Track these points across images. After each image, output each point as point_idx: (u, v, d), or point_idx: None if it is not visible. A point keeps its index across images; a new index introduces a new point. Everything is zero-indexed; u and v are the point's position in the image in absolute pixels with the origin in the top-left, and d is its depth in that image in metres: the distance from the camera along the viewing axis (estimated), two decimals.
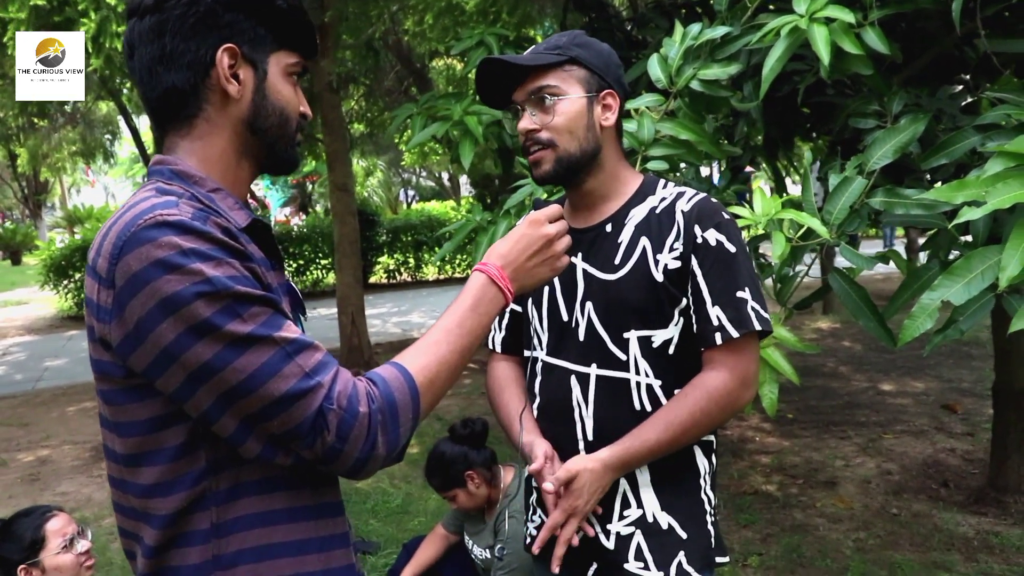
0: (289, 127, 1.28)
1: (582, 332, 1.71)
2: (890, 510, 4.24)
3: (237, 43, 1.21)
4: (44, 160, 13.21)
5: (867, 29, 2.45)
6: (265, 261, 1.21)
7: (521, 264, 1.34)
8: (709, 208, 1.67)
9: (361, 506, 4.73)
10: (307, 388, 1.07)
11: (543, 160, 1.67)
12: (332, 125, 7.69)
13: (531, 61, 1.65)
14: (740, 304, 1.62)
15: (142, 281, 1.05)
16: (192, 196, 1.16)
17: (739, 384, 1.63)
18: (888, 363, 7.09)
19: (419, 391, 1.17)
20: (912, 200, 2.30)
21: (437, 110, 3.83)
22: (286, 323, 1.11)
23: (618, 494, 1.69)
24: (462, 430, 3.17)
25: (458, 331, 1.25)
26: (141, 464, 1.15)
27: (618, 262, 1.69)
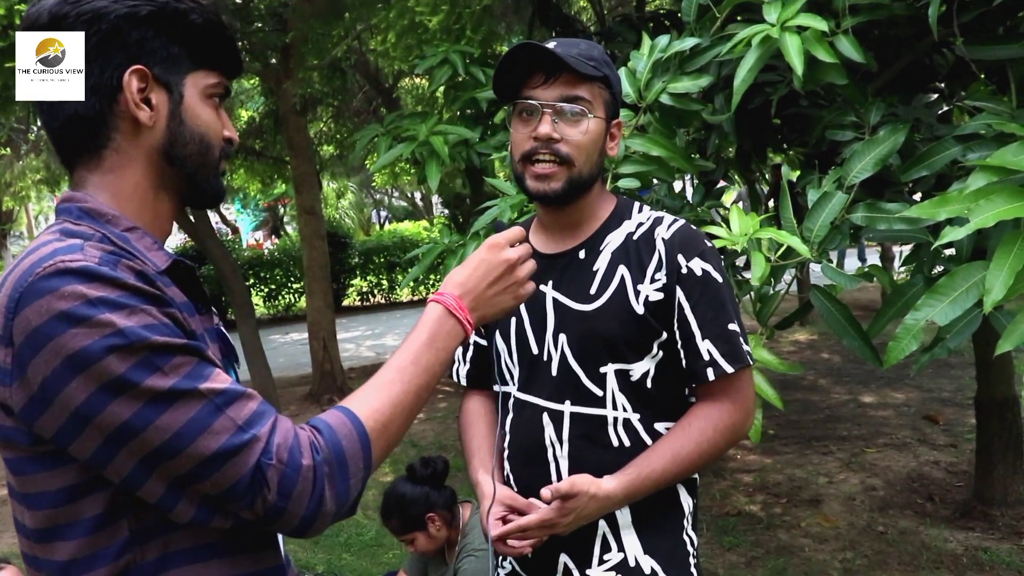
0: (211, 155, 1.16)
1: (555, 367, 1.60)
2: (876, 528, 4.15)
3: (147, 64, 1.08)
4: (8, 189, 12.96)
5: (840, 37, 2.36)
6: (189, 306, 1.10)
7: (481, 292, 1.24)
8: (692, 236, 1.58)
9: (334, 539, 4.58)
10: (241, 443, 0.97)
11: (554, 176, 1.54)
12: (298, 148, 7.57)
13: (576, 64, 1.50)
14: (732, 338, 1.54)
15: (44, 336, 0.93)
16: (103, 237, 1.05)
17: (743, 415, 1.58)
18: (868, 374, 7.03)
19: (370, 438, 1.06)
20: (895, 215, 2.21)
21: (403, 130, 3.73)
22: (214, 372, 1.00)
23: (598, 536, 1.58)
24: (423, 470, 2.99)
25: (413, 369, 1.14)
26: (55, 539, 1.03)
27: (594, 292, 1.58)
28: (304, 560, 4.33)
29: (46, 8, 1.06)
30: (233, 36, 1.18)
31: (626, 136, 2.64)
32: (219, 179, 1.20)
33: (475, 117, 3.99)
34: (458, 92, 3.98)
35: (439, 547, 3.05)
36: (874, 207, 2.24)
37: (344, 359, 8.58)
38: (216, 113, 1.17)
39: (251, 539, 1.10)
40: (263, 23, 7.28)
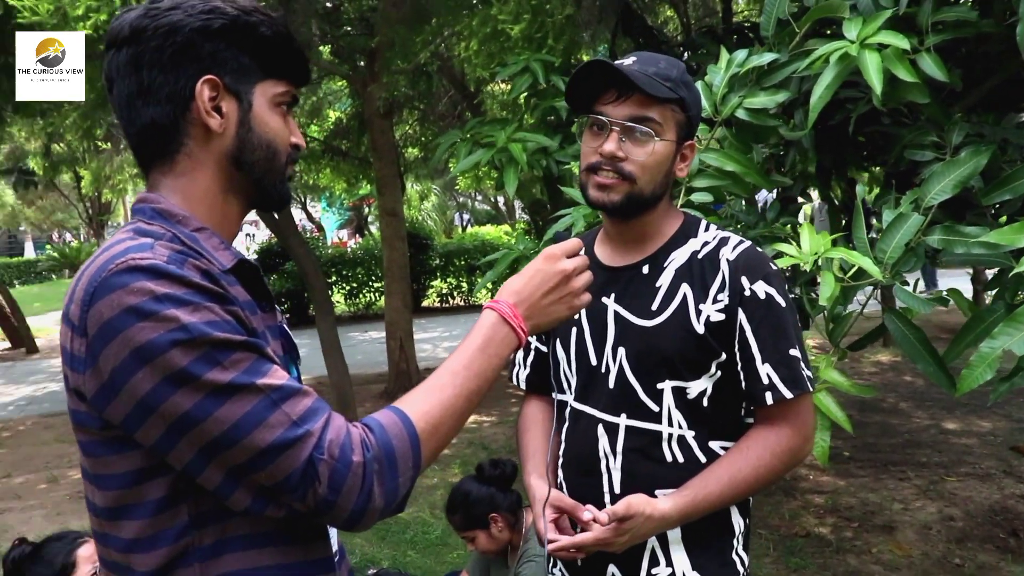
0: (278, 161, 1.21)
1: (612, 379, 1.61)
2: (952, 560, 4.01)
3: (218, 74, 1.14)
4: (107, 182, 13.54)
5: (923, 55, 2.31)
6: (251, 304, 1.15)
7: (536, 301, 1.26)
8: (757, 258, 1.57)
9: (400, 536, 4.65)
10: (295, 437, 1.01)
11: (614, 188, 1.55)
12: (382, 150, 7.70)
13: (647, 86, 1.50)
14: (793, 363, 1.53)
15: (115, 329, 0.99)
16: (173, 237, 1.11)
17: (802, 440, 1.57)
18: (952, 400, 6.79)
19: (420, 438, 1.10)
20: (973, 239, 2.15)
21: (483, 136, 3.78)
22: (272, 369, 1.05)
23: (647, 550, 1.59)
24: (491, 470, 3.05)
25: (465, 373, 1.17)
26: (121, 518, 1.10)
27: (655, 308, 1.58)
28: (370, 555, 4.40)
29: (127, 22, 1.13)
30: (302, 46, 1.22)
31: (701, 150, 2.63)
32: (285, 184, 1.25)
33: (554, 125, 4.01)
34: (538, 100, 4.01)
35: (501, 549, 3.09)
36: (952, 230, 2.19)
37: (420, 359, 8.68)
38: (284, 120, 1.22)
39: (303, 530, 1.14)
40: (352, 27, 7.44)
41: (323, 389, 8.26)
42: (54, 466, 6.46)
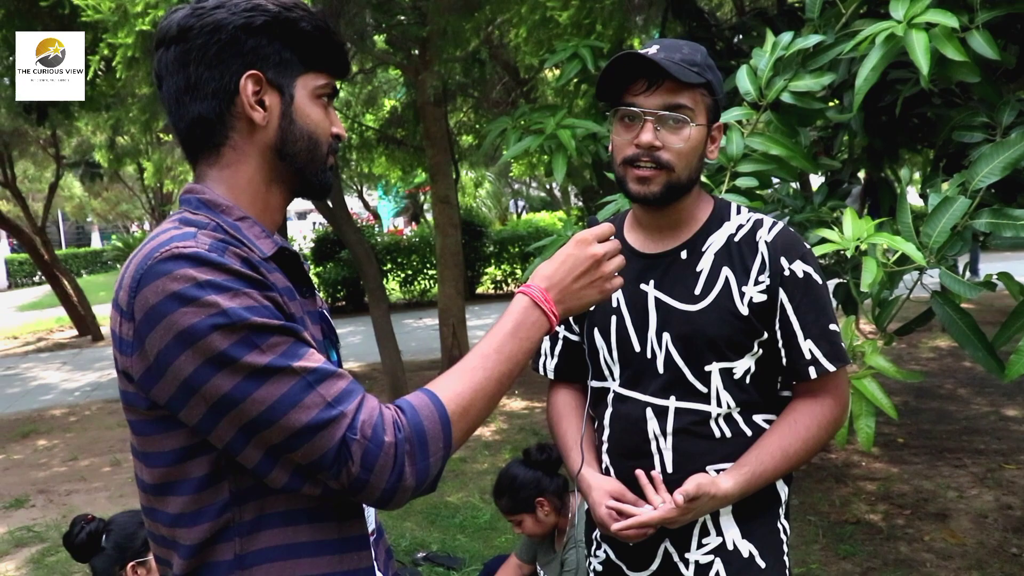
0: (319, 151, 1.25)
1: (660, 364, 1.64)
2: (1009, 549, 3.93)
3: (261, 69, 1.19)
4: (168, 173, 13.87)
5: (973, 33, 2.27)
6: (290, 290, 1.19)
7: (567, 286, 1.29)
8: (793, 239, 1.62)
9: (449, 520, 4.72)
10: (329, 418, 1.06)
11: (653, 180, 1.57)
12: (435, 138, 7.75)
13: (678, 73, 1.52)
14: (834, 337, 1.60)
15: (159, 314, 1.05)
16: (217, 226, 1.16)
17: (842, 409, 1.65)
18: (1015, 386, 6.62)
19: (451, 420, 1.13)
20: (1021, 221, 2.11)
21: (532, 123, 3.80)
22: (308, 352, 1.09)
23: (697, 522, 1.64)
24: (538, 455, 3.09)
25: (496, 356, 1.20)
26: (167, 494, 1.16)
27: (699, 292, 1.61)
28: (420, 538, 4.47)
29: (175, 22, 1.19)
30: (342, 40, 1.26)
31: (746, 134, 2.62)
32: (327, 173, 1.29)
33: (603, 111, 4.01)
34: (588, 86, 4.02)
35: (547, 532, 3.13)
36: (1000, 213, 2.15)
37: (473, 345, 8.75)
38: (325, 112, 1.26)
39: (339, 508, 1.18)
40: (405, 16, 7.51)
41: (376, 375, 8.38)
42: (117, 450, 6.66)
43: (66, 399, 8.97)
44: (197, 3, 1.19)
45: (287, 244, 1.23)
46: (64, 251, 28.79)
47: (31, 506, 5.58)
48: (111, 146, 12.85)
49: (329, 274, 14.09)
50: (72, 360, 11.62)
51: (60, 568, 4.50)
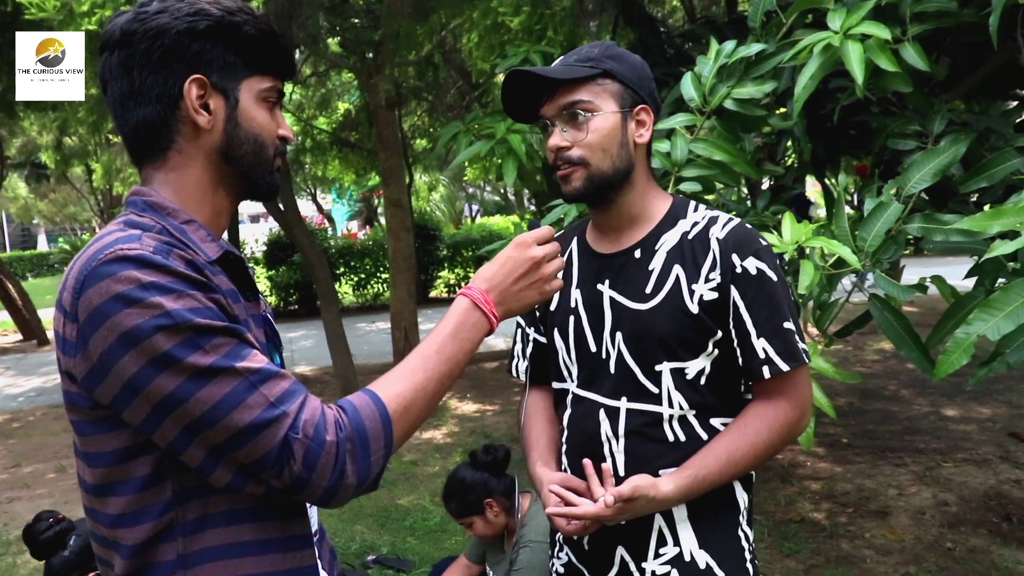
0: (264, 154, 1.26)
1: (612, 364, 1.63)
2: (944, 544, 4.06)
3: (205, 73, 1.19)
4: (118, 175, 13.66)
5: (905, 45, 2.36)
6: (234, 293, 1.20)
7: (507, 287, 1.31)
8: (746, 235, 1.59)
9: (400, 523, 4.72)
10: (271, 418, 1.07)
11: (572, 177, 1.59)
12: (387, 141, 7.74)
13: (562, 74, 1.56)
14: (788, 336, 1.55)
15: (103, 315, 1.05)
16: (162, 229, 1.16)
17: (799, 413, 1.59)
18: (953, 387, 6.82)
19: (391, 419, 1.15)
20: (951, 227, 2.19)
21: (483, 128, 3.83)
22: (251, 353, 1.10)
23: (654, 530, 1.61)
24: (483, 456, 3.12)
25: (436, 357, 1.22)
26: (108, 494, 1.16)
27: (649, 291, 1.60)
28: (370, 541, 4.47)
29: (118, 26, 1.19)
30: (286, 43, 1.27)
31: (690, 140, 2.68)
32: (273, 175, 1.29)
33: None
34: None
35: (497, 533, 3.15)
36: (931, 218, 2.23)
37: None
38: (271, 114, 1.27)
39: (282, 507, 1.19)
40: (359, 19, 7.49)
41: (328, 379, 8.34)
42: (63, 456, 6.55)
43: (9, 404, 8.79)
44: (140, 7, 1.19)
45: (232, 248, 1.25)
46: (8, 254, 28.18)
47: None
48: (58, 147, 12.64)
49: (281, 277, 13.97)
50: (16, 365, 11.38)
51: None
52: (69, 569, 2.56)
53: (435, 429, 6.70)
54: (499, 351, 9.72)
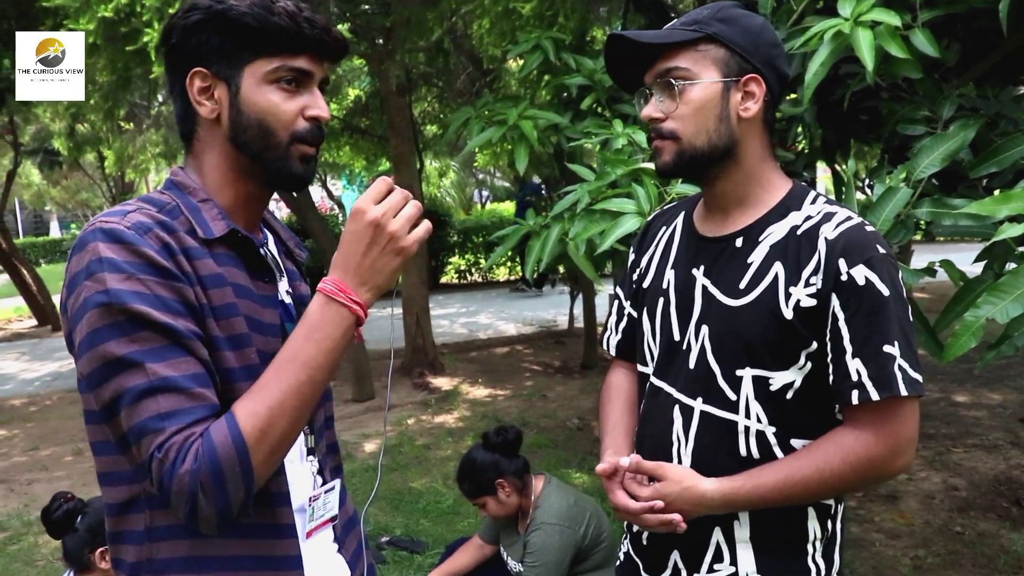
0: (272, 138, 1.23)
1: (693, 358, 1.50)
2: (953, 528, 4.09)
3: (205, 64, 1.23)
4: (129, 162, 13.72)
5: (916, 31, 2.37)
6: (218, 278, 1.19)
7: (359, 264, 1.17)
8: (860, 239, 1.38)
9: (413, 505, 4.78)
10: (152, 429, 1.06)
11: (663, 150, 1.47)
12: (398, 127, 7.78)
13: (659, 38, 1.42)
14: (885, 361, 1.34)
15: (74, 283, 1.12)
16: (175, 206, 1.21)
17: (886, 451, 1.37)
18: (964, 373, 6.83)
19: (247, 445, 1.07)
20: (960, 211, 2.21)
21: (495, 114, 3.85)
22: (176, 358, 1.09)
23: (711, 544, 1.50)
24: (495, 438, 3.17)
25: (292, 366, 1.13)
26: (96, 452, 1.22)
27: (743, 286, 1.45)
28: (384, 523, 4.53)
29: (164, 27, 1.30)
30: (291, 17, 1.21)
31: None
32: (289, 161, 1.24)
33: (566, 102, 4.07)
34: (550, 77, 4.08)
35: (510, 514, 3.20)
36: (940, 202, 2.25)
37: (437, 335, 8.81)
38: (285, 95, 1.23)
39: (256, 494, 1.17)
40: (369, 5, 7.51)
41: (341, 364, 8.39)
42: (79, 439, 6.61)
43: (26, 389, 8.88)
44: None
45: (240, 228, 1.25)
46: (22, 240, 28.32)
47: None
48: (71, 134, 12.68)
49: None
50: (31, 350, 11.48)
51: (22, 556, 4.49)
52: (80, 546, 2.63)
53: (447, 413, 6.75)
54: (509, 336, 9.78)
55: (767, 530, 1.47)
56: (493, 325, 10.74)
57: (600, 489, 4.75)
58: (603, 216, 2.76)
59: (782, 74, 1.47)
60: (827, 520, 1.50)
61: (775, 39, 1.46)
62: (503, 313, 11.60)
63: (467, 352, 9.14)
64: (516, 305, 12.14)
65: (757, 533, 1.47)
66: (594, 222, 2.77)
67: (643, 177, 2.76)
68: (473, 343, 9.55)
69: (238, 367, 1.18)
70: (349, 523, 1.46)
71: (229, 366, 1.17)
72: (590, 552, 3.15)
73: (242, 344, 1.20)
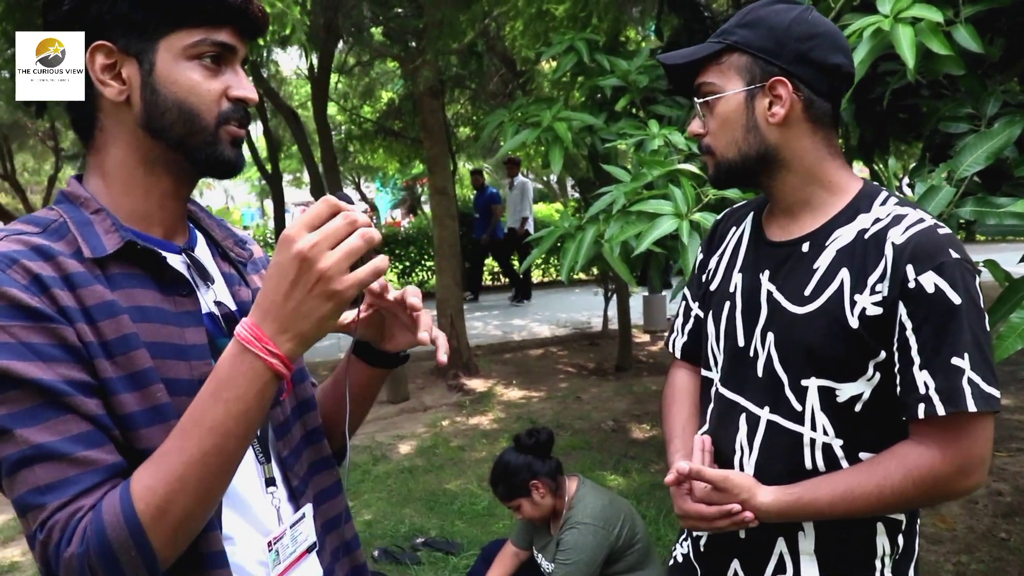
0: (198, 121, 1.06)
1: (760, 366, 1.45)
2: (998, 534, 4.01)
3: (109, 38, 1.04)
4: None
5: (958, 27, 2.33)
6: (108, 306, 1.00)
7: (280, 307, 0.94)
8: (931, 243, 1.30)
9: (448, 507, 4.78)
10: (31, 504, 0.92)
11: (707, 164, 1.48)
12: (432, 129, 7.79)
13: (685, 57, 1.44)
14: (953, 374, 1.27)
15: None
16: (61, 224, 1.04)
17: (952, 470, 1.30)
18: (1008, 375, 6.70)
19: (143, 525, 0.91)
20: (1006, 210, 2.17)
21: (529, 116, 3.85)
22: (51, 420, 0.93)
23: (774, 554, 1.46)
24: (527, 440, 3.17)
25: (196, 432, 0.94)
26: None
27: (808, 293, 1.39)
28: (419, 524, 4.54)
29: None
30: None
31: None
32: (216, 146, 1.08)
33: (600, 104, 4.06)
34: (584, 79, 4.07)
35: (544, 516, 3.20)
36: (984, 201, 2.21)
37: (471, 336, 8.81)
38: (209, 74, 1.07)
39: None
40: (403, 8, 7.55)
41: None
42: None
43: None
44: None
45: (136, 239, 1.06)
46: None
47: None
48: None
49: None
50: None
51: None
52: None
53: (481, 415, 6.75)
54: (544, 338, 9.76)
55: (833, 543, 1.42)
56: (527, 327, 10.73)
57: (635, 491, 4.73)
58: (639, 218, 2.75)
59: (826, 65, 1.39)
60: (897, 535, 1.43)
61: (809, 31, 1.38)
62: (536, 314, 11.59)
63: (501, 354, 9.13)
64: (550, 307, 12.13)
65: (822, 546, 1.43)
66: (630, 224, 2.75)
67: (680, 178, 2.74)
68: (507, 345, 9.54)
69: (140, 410, 0.99)
70: (343, 548, 1.30)
71: (129, 411, 0.98)
72: (623, 553, 3.13)
73: (144, 382, 1.00)
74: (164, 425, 0.99)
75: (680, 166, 2.80)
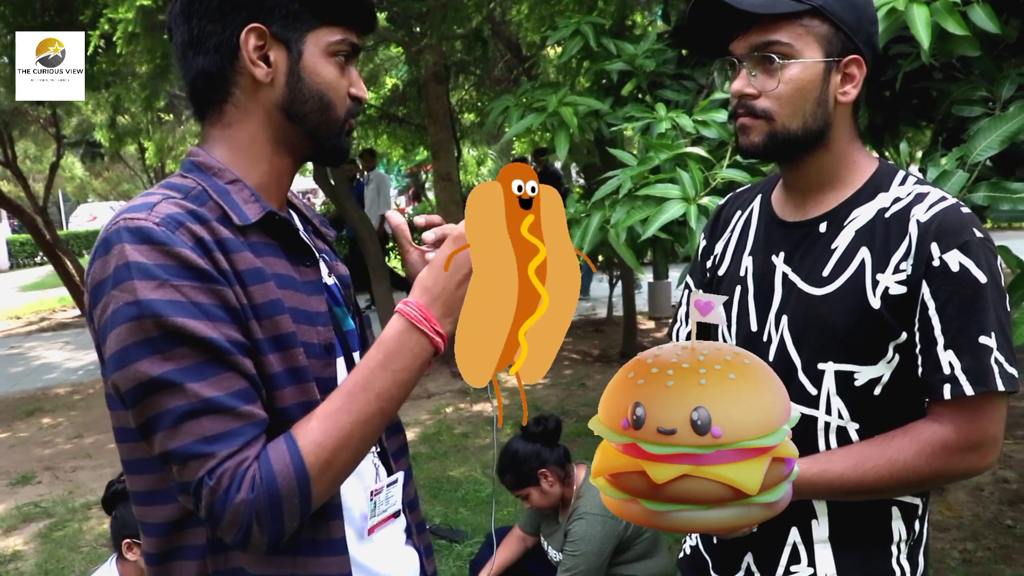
0: (332, 113, 1.17)
1: (773, 351, 1.42)
2: (1004, 521, 3.99)
3: (265, 22, 1.11)
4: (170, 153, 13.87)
5: (974, 7, 2.27)
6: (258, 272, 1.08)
7: (451, 293, 1.08)
8: (955, 221, 1.29)
9: (452, 494, 4.77)
10: (197, 453, 0.98)
11: (752, 129, 1.36)
12: (436, 115, 7.75)
13: (761, 7, 1.30)
14: (982, 353, 1.25)
15: (100, 291, 1.02)
16: (201, 191, 1.10)
17: (967, 447, 1.28)
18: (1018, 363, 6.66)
19: (309, 475, 1.01)
20: (1020, 195, 2.13)
21: (535, 101, 3.80)
22: (217, 375, 1.00)
23: (787, 545, 1.43)
24: (535, 428, 3.15)
25: (363, 396, 1.05)
26: (134, 472, 1.13)
27: (827, 274, 1.37)
28: (423, 512, 4.53)
29: None
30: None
31: None
32: (342, 137, 1.20)
33: (606, 88, 4.02)
34: (590, 63, 4.02)
35: (553, 504, 3.18)
36: (997, 186, 2.17)
37: None
38: (341, 71, 1.17)
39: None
40: None
41: None
42: None
43: (69, 378, 9.03)
44: None
45: (276, 210, 1.15)
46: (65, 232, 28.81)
47: (37, 482, 5.63)
48: (112, 125, 12.84)
49: None
50: (75, 340, 11.68)
51: (67, 542, 4.55)
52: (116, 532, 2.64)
53: (486, 402, 6.74)
54: None
55: (848, 529, 1.40)
56: None
57: None
58: (646, 202, 2.71)
59: (877, 53, 1.38)
60: (914, 520, 1.42)
61: (875, 15, 1.37)
62: None
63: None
64: None
65: (837, 532, 1.40)
66: (637, 208, 2.71)
67: (688, 161, 2.70)
68: None
69: (282, 370, 1.08)
70: (417, 528, 1.40)
71: (273, 371, 1.07)
72: (632, 543, 3.11)
73: (287, 344, 1.09)
74: (300, 386, 1.09)
75: (688, 149, 2.76)
